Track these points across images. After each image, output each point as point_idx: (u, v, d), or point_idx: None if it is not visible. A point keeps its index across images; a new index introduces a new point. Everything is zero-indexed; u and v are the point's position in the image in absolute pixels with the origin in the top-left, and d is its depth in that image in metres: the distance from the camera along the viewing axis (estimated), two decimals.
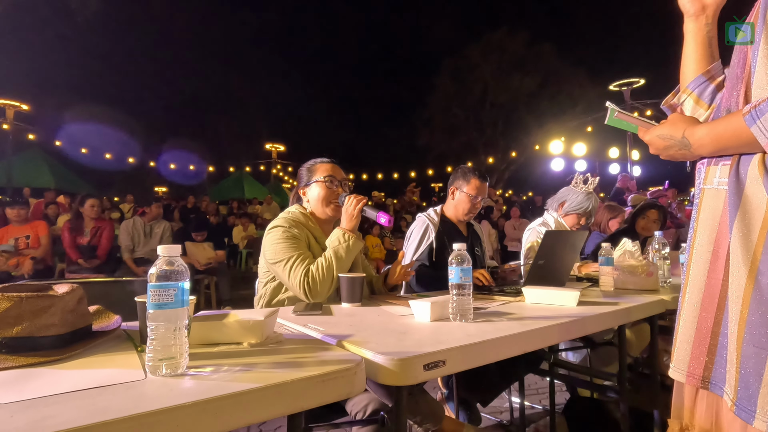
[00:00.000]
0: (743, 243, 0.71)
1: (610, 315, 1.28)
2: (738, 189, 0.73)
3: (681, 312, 0.84)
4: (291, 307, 1.27)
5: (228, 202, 11.49)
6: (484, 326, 1.03)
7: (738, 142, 0.71)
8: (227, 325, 0.84)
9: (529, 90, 18.01)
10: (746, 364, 0.68)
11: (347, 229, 1.47)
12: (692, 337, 0.80)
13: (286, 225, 1.49)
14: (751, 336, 0.68)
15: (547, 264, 1.63)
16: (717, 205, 0.78)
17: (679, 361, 0.82)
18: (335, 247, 1.43)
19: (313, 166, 1.65)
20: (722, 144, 0.75)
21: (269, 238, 1.49)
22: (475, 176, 2.08)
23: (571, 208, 2.43)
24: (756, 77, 0.70)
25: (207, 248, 4.81)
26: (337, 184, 1.61)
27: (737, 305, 0.70)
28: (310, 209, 1.63)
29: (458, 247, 1.11)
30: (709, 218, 0.80)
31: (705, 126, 0.78)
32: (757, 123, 0.66)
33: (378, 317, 1.16)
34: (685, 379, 0.80)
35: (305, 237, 1.52)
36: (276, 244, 1.45)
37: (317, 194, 1.59)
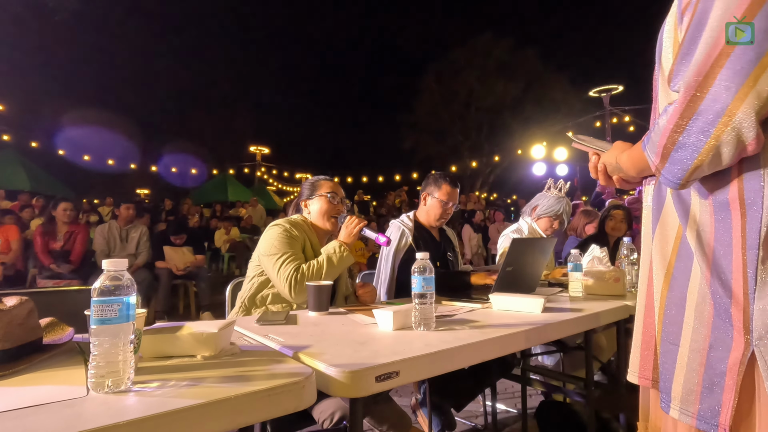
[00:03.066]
0: (660, 253, 0.78)
1: (573, 321, 1.31)
2: (659, 205, 0.80)
3: (635, 319, 0.89)
4: (254, 317, 1.27)
5: (211, 205, 11.35)
6: (445, 335, 1.04)
7: (642, 165, 0.78)
8: (180, 338, 0.83)
9: (513, 95, 18.27)
10: (664, 360, 0.75)
11: (344, 242, 1.60)
12: (640, 341, 0.84)
13: (287, 225, 1.59)
14: (666, 334, 0.76)
15: (516, 270, 1.65)
16: (647, 220, 0.85)
17: (633, 365, 0.86)
18: (329, 253, 1.55)
19: (317, 182, 1.77)
20: (637, 167, 0.82)
21: (269, 233, 1.58)
22: (446, 182, 2.10)
23: (543, 211, 2.48)
24: (660, 108, 0.79)
25: (186, 252, 4.73)
26: (338, 201, 1.72)
27: (658, 308, 0.78)
28: (310, 220, 1.73)
29: (421, 256, 1.12)
30: (645, 233, 0.87)
31: (628, 152, 0.85)
32: (647, 148, 0.73)
33: (342, 327, 1.16)
34: (638, 380, 0.84)
35: (302, 240, 1.62)
36: (274, 239, 1.54)
37: (319, 208, 1.70)
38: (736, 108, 0.60)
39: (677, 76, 0.66)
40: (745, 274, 0.64)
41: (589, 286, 1.79)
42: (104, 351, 0.65)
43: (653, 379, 0.80)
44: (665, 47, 0.76)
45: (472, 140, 19.35)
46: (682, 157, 0.66)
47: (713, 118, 0.61)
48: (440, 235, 2.23)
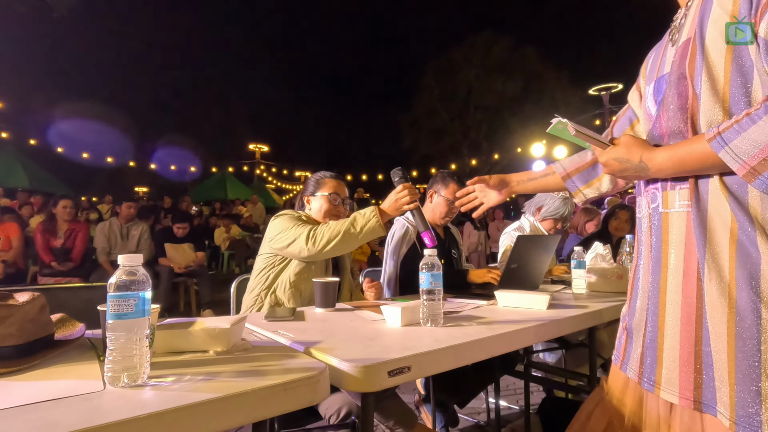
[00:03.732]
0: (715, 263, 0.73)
1: (578, 318, 1.31)
2: (701, 211, 0.76)
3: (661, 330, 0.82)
4: (262, 313, 1.27)
5: (210, 203, 11.34)
6: (453, 331, 1.04)
7: (702, 166, 0.74)
8: (193, 333, 0.83)
9: (512, 93, 18.27)
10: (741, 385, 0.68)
11: (382, 211, 1.47)
12: (678, 356, 0.78)
13: (295, 214, 1.60)
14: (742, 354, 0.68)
15: (521, 268, 1.66)
16: (681, 227, 0.80)
17: (669, 383, 0.78)
18: (358, 216, 1.46)
19: (322, 179, 1.75)
20: (685, 167, 0.77)
21: (277, 221, 1.58)
22: (454, 181, 2.11)
23: (548, 213, 2.48)
24: (702, 105, 0.75)
25: (187, 250, 4.73)
26: (340, 201, 1.71)
27: (722, 323, 0.71)
28: (311, 216, 1.72)
29: (428, 252, 1.12)
30: (678, 240, 0.81)
31: (665, 151, 0.80)
32: (725, 149, 0.68)
33: (350, 323, 1.16)
34: (678, 400, 0.77)
35: None
36: (283, 222, 1.55)
37: (319, 207, 1.70)
38: None
39: None
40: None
41: (592, 283, 1.80)
42: (120, 345, 0.66)
43: (695, 400, 0.74)
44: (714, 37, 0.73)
45: (471, 138, 19.36)
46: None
47: None
48: (445, 233, 2.24)
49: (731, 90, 0.70)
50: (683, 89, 0.79)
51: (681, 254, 0.79)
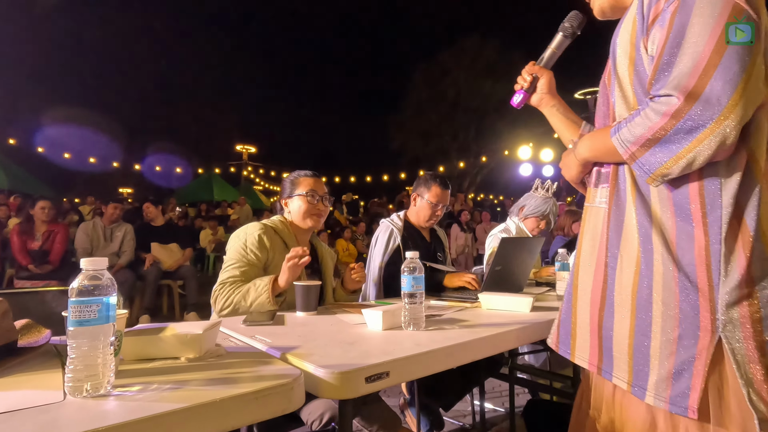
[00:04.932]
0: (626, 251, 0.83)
1: None
2: (618, 206, 0.86)
3: (574, 307, 0.93)
4: (240, 318, 1.24)
5: (196, 204, 11.18)
6: (435, 335, 1.03)
7: (606, 151, 0.86)
8: (163, 340, 0.80)
9: (500, 96, 18.40)
10: (637, 351, 0.79)
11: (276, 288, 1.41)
12: (588, 329, 0.89)
13: (257, 232, 1.53)
14: (639, 327, 0.79)
15: (505, 270, 1.65)
16: (597, 221, 0.91)
17: (581, 351, 0.90)
18: (252, 287, 1.41)
19: (297, 179, 1.70)
20: (596, 154, 0.90)
21: (232, 241, 1.55)
22: (437, 183, 2.09)
23: (530, 211, 2.49)
24: (617, 110, 0.87)
25: (174, 250, 4.65)
26: (318, 198, 1.66)
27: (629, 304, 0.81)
28: (291, 219, 1.69)
29: (410, 255, 1.11)
30: (590, 232, 0.92)
31: (585, 140, 0.94)
32: (616, 135, 0.79)
33: (330, 327, 1.14)
34: (588, 366, 0.88)
35: (273, 247, 1.56)
36: (233, 246, 1.53)
37: (298, 207, 1.65)
38: (726, 116, 0.66)
39: (659, 83, 0.74)
40: (709, 267, 0.71)
41: None
42: (82, 354, 0.62)
43: (598, 367, 0.86)
44: (620, 58, 0.85)
45: (460, 141, 19.44)
46: (663, 151, 0.73)
47: (703, 122, 0.68)
48: (431, 236, 2.23)
49: (636, 97, 0.83)
50: (605, 97, 0.92)
51: (595, 244, 0.90)
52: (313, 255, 1.76)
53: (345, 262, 7.02)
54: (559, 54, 1.19)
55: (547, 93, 1.15)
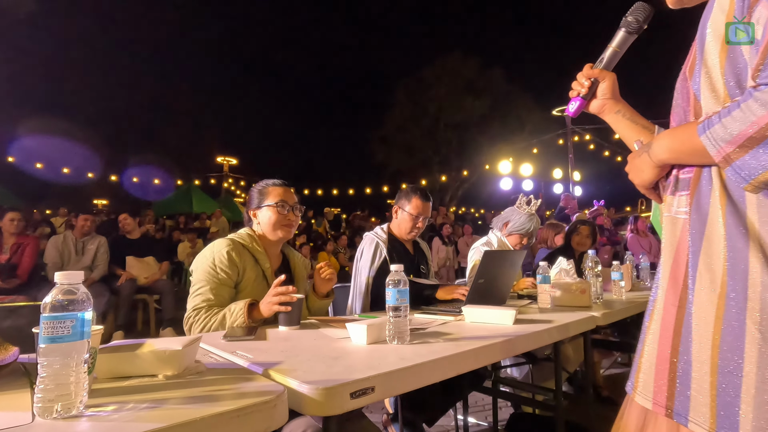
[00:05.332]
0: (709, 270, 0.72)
1: (543, 333, 1.32)
2: (701, 216, 0.74)
3: (645, 337, 0.81)
4: (220, 333, 1.21)
5: (174, 217, 10.93)
6: (419, 348, 1.02)
7: (692, 152, 0.73)
8: (140, 356, 0.77)
9: (481, 112, 18.81)
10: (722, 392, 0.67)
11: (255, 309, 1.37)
12: (654, 363, 0.77)
13: (225, 249, 1.47)
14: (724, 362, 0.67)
15: (488, 283, 1.66)
16: (674, 232, 0.79)
17: (645, 388, 0.78)
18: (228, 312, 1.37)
19: (265, 188, 1.64)
20: (678, 155, 0.77)
21: (199, 259, 1.48)
22: (417, 196, 2.10)
23: (515, 228, 2.52)
24: (704, 105, 0.75)
25: (150, 263, 4.52)
26: (289, 209, 1.61)
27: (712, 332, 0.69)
28: (260, 231, 1.62)
29: (395, 268, 1.11)
30: (668, 246, 0.80)
31: (662, 139, 0.80)
32: (707, 133, 0.68)
33: (314, 341, 1.12)
34: (651, 406, 0.76)
35: (243, 263, 1.50)
36: (200, 266, 1.46)
37: (268, 218, 1.59)
38: None
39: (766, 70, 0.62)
40: None
41: (556, 298, 1.83)
42: (54, 372, 0.60)
43: (667, 408, 0.73)
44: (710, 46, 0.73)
45: (442, 155, 19.70)
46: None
47: None
48: (414, 248, 2.23)
49: (728, 91, 0.70)
50: (685, 91, 0.80)
51: (669, 259, 0.78)
52: (286, 265, 1.71)
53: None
54: (621, 53, 1.02)
55: (611, 98, 1.01)
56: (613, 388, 3.06)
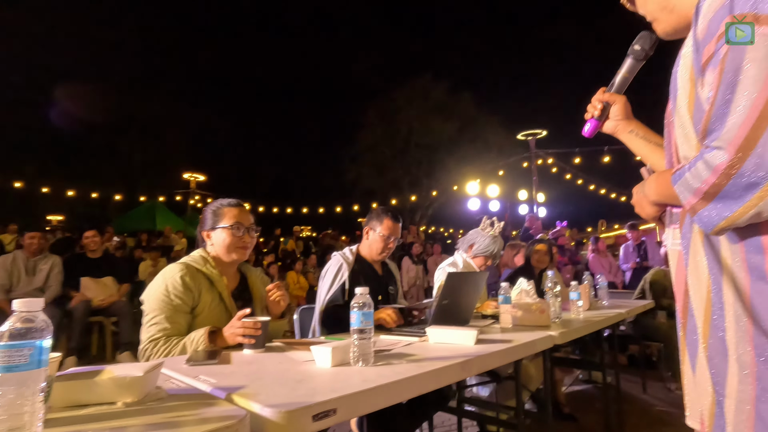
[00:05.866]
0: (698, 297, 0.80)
1: (504, 352, 1.38)
2: (687, 248, 0.82)
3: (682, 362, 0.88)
4: (182, 357, 1.19)
5: (136, 234, 10.52)
6: (383, 370, 1.05)
7: (670, 196, 0.81)
8: (98, 384, 0.76)
9: (450, 134, 19.36)
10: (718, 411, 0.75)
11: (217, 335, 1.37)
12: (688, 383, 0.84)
13: (178, 275, 1.44)
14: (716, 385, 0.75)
15: (452, 303, 1.71)
16: (674, 263, 0.88)
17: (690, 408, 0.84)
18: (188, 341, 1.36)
19: (220, 209, 1.60)
20: (660, 195, 0.86)
21: (152, 286, 1.44)
22: (389, 217, 2.15)
23: (479, 250, 2.60)
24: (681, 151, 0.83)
25: (108, 284, 4.31)
26: (244, 231, 1.58)
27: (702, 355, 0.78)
28: (214, 252, 1.59)
29: (360, 291, 1.14)
30: (674, 275, 0.88)
31: (655, 176, 0.89)
32: (677, 183, 0.75)
33: (278, 365, 1.13)
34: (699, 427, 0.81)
35: (198, 287, 1.47)
36: (152, 295, 1.42)
37: (222, 241, 1.56)
38: None
39: (713, 133, 0.68)
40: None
41: (518, 318, 1.90)
42: (8, 402, 0.59)
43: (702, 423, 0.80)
44: (680, 96, 0.80)
45: (412, 175, 20.03)
46: (723, 206, 0.68)
47: (759, 178, 0.63)
48: (382, 269, 2.26)
49: (698, 137, 0.76)
50: (668, 134, 0.89)
51: (677, 288, 0.86)
52: (243, 284, 1.68)
53: (296, 296, 6.85)
54: (630, 79, 1.09)
55: (623, 119, 1.07)
56: (575, 405, 3.16)
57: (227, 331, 1.35)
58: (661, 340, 3.45)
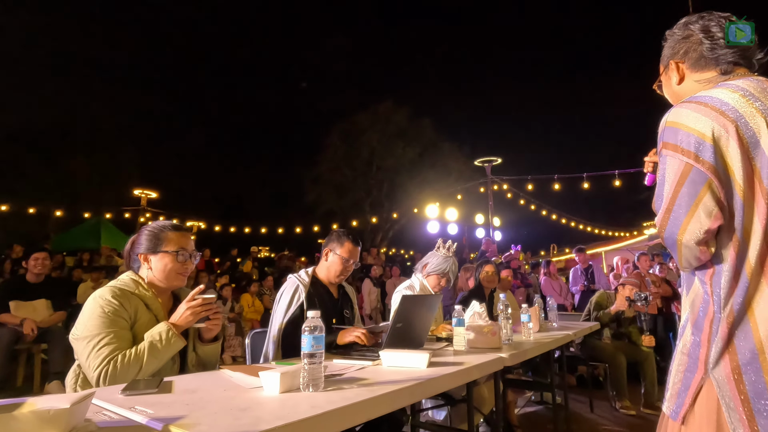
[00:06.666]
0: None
1: (455, 375, 1.39)
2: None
3: None
4: (118, 386, 1.12)
5: (76, 254, 9.81)
6: (333, 395, 1.03)
7: None
8: (17, 418, 0.70)
9: (411, 158, 19.81)
10: None
11: (174, 325, 1.38)
12: None
13: (109, 297, 1.37)
14: None
15: (406, 327, 1.73)
16: None
17: None
18: (154, 339, 1.34)
19: (162, 233, 1.53)
20: None
21: (85, 310, 1.36)
22: (349, 240, 2.16)
23: (432, 269, 2.65)
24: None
25: (39, 308, 3.95)
26: (187, 257, 1.53)
27: None
28: (150, 277, 1.51)
29: (311, 314, 1.13)
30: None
31: None
32: None
33: (224, 392, 1.08)
34: None
35: (133, 310, 1.41)
36: (88, 319, 1.33)
37: (163, 266, 1.50)
38: (679, 245, 0.97)
39: (656, 203, 1.02)
40: (711, 328, 0.94)
41: (470, 340, 1.93)
42: None
43: None
44: None
45: (373, 197, 20.19)
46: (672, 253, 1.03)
47: (670, 246, 1.00)
48: (339, 292, 2.24)
49: None
50: None
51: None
52: (177, 305, 1.57)
53: (250, 319, 6.60)
54: None
55: None
56: (527, 426, 3.22)
57: (180, 319, 1.39)
58: (606, 361, 3.61)
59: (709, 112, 0.92)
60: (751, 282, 0.90)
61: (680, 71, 1.10)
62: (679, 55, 1.10)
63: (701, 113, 0.93)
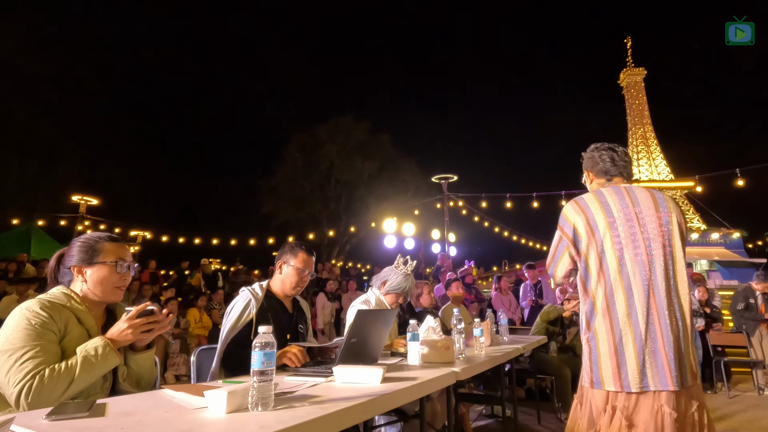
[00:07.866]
0: None
1: (408, 390, 1.39)
2: None
3: None
4: (42, 411, 1.02)
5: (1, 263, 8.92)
6: (282, 414, 1.00)
7: None
8: None
9: (370, 172, 19.96)
10: None
11: (111, 340, 1.31)
12: None
13: (37, 309, 1.27)
14: None
15: (360, 342, 1.71)
16: None
17: None
18: (88, 354, 1.25)
19: (99, 244, 1.45)
20: None
21: (8, 322, 1.25)
22: (303, 250, 2.11)
23: (392, 287, 2.65)
24: None
25: None
26: (126, 268, 1.46)
27: None
28: (84, 290, 1.42)
29: (263, 329, 1.09)
30: None
31: None
32: None
33: (164, 414, 1.01)
34: None
35: (63, 323, 1.30)
36: (10, 331, 1.22)
37: (101, 278, 1.42)
38: (553, 279, 1.68)
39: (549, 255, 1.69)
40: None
41: (424, 355, 1.94)
42: None
43: None
44: None
45: (331, 210, 20.07)
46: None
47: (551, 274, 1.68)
48: (293, 306, 2.19)
49: None
50: None
51: None
52: (111, 320, 1.50)
53: (197, 335, 6.27)
54: None
55: None
56: None
57: (119, 335, 1.33)
58: (552, 373, 3.75)
59: (578, 209, 1.59)
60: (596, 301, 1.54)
61: (590, 177, 1.80)
62: (589, 167, 1.80)
63: (574, 210, 1.60)
